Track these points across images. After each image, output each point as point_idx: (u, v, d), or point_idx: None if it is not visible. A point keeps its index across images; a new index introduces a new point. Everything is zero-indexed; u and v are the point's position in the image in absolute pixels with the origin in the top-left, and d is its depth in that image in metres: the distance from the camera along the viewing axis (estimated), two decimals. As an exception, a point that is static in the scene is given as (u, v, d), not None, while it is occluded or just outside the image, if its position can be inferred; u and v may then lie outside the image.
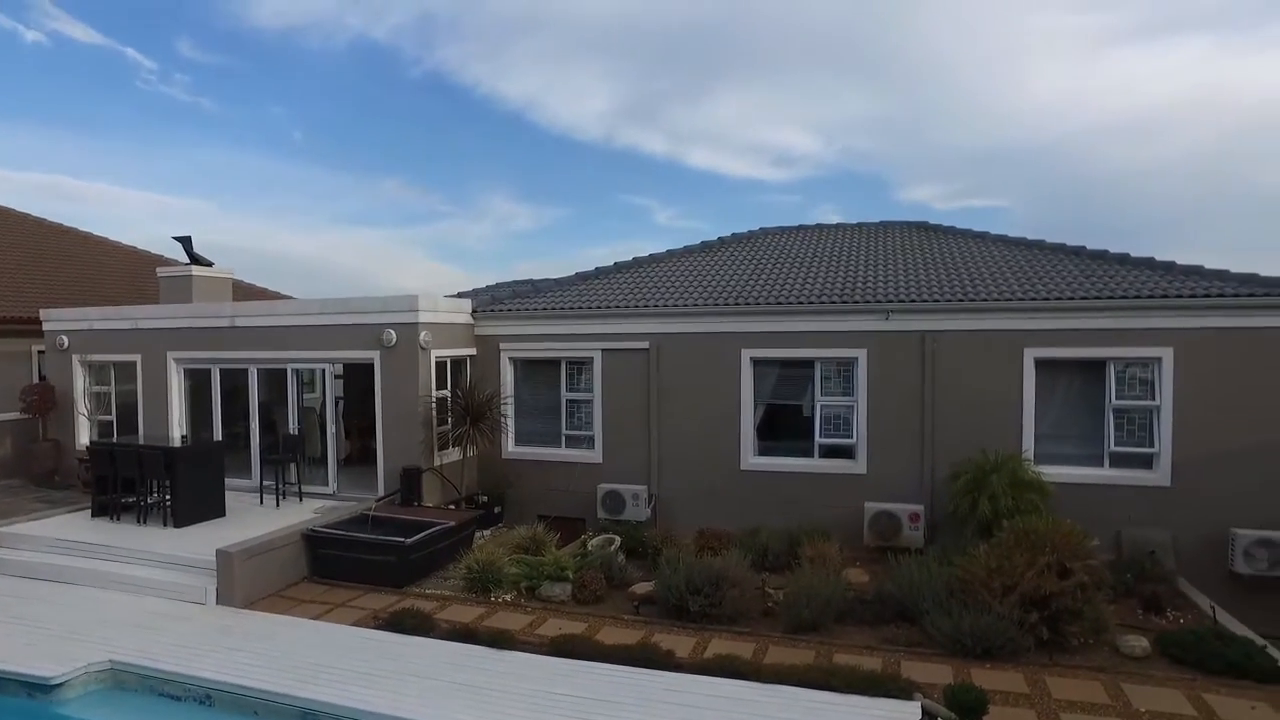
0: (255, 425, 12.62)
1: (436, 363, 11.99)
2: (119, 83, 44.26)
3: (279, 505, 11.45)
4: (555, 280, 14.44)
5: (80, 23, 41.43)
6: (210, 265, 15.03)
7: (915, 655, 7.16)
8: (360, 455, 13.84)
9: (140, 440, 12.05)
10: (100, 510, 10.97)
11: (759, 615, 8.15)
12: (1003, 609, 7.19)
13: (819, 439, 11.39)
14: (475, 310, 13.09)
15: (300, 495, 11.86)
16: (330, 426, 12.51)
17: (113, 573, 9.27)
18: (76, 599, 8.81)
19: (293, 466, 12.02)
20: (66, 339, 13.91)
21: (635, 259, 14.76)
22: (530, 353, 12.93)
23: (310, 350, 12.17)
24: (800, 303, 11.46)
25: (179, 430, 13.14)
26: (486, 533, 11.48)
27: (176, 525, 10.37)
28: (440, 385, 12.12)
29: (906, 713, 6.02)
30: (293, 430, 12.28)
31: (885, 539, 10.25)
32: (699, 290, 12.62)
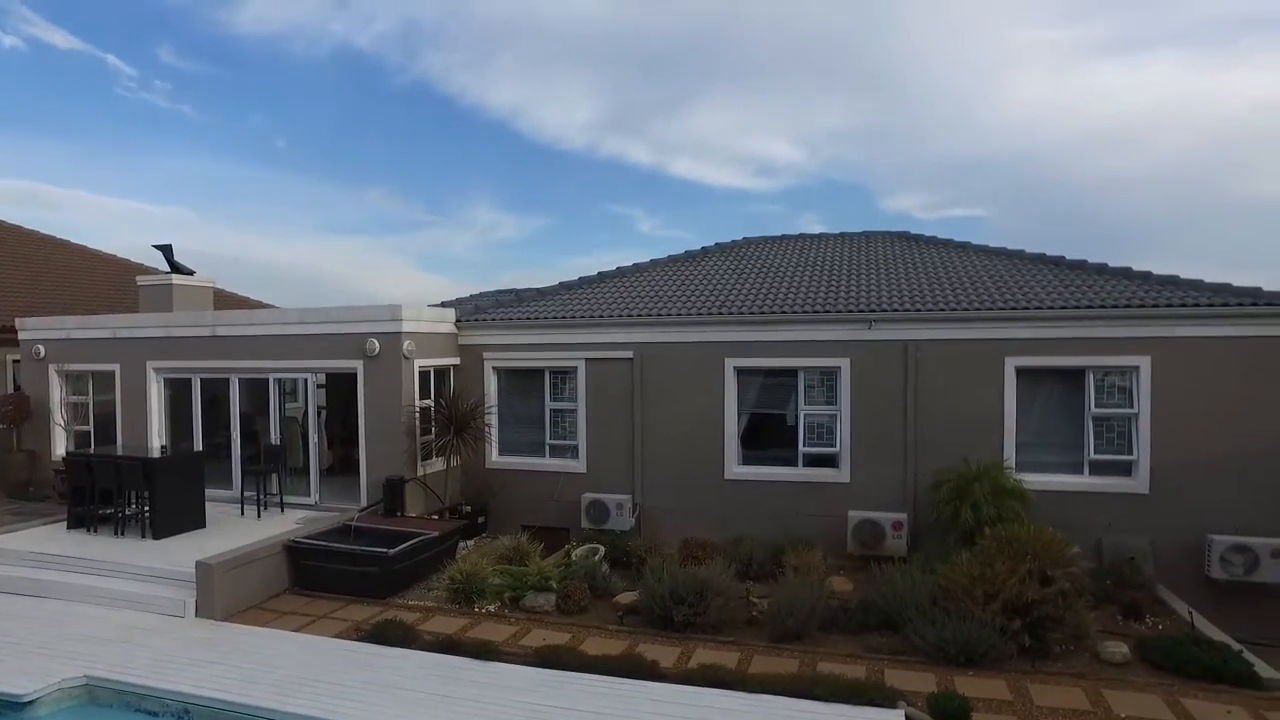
0: (236, 435, 12.49)
1: (420, 372, 11.94)
2: (99, 89, 43.85)
3: (260, 516, 11.33)
4: (539, 290, 14.42)
5: (59, 28, 41.03)
6: (191, 274, 14.90)
7: (899, 664, 7.18)
8: (343, 465, 13.72)
9: (118, 451, 11.89)
10: (77, 522, 10.80)
11: (743, 624, 8.15)
12: (985, 616, 7.24)
13: (803, 448, 11.43)
14: (459, 320, 13.05)
15: (282, 506, 11.74)
16: (312, 436, 12.41)
17: (89, 586, 9.13)
18: (51, 613, 8.67)
19: (274, 477, 11.92)
20: (43, 348, 13.73)
21: (619, 269, 14.79)
22: (514, 362, 12.91)
23: (292, 360, 12.08)
24: (784, 312, 11.52)
25: (158, 440, 12.99)
26: (470, 543, 11.41)
27: (155, 537, 10.24)
28: (424, 395, 12.06)
29: (890, 721, 6.03)
30: (274, 440, 12.17)
31: (869, 547, 10.30)
32: (683, 300, 12.65)
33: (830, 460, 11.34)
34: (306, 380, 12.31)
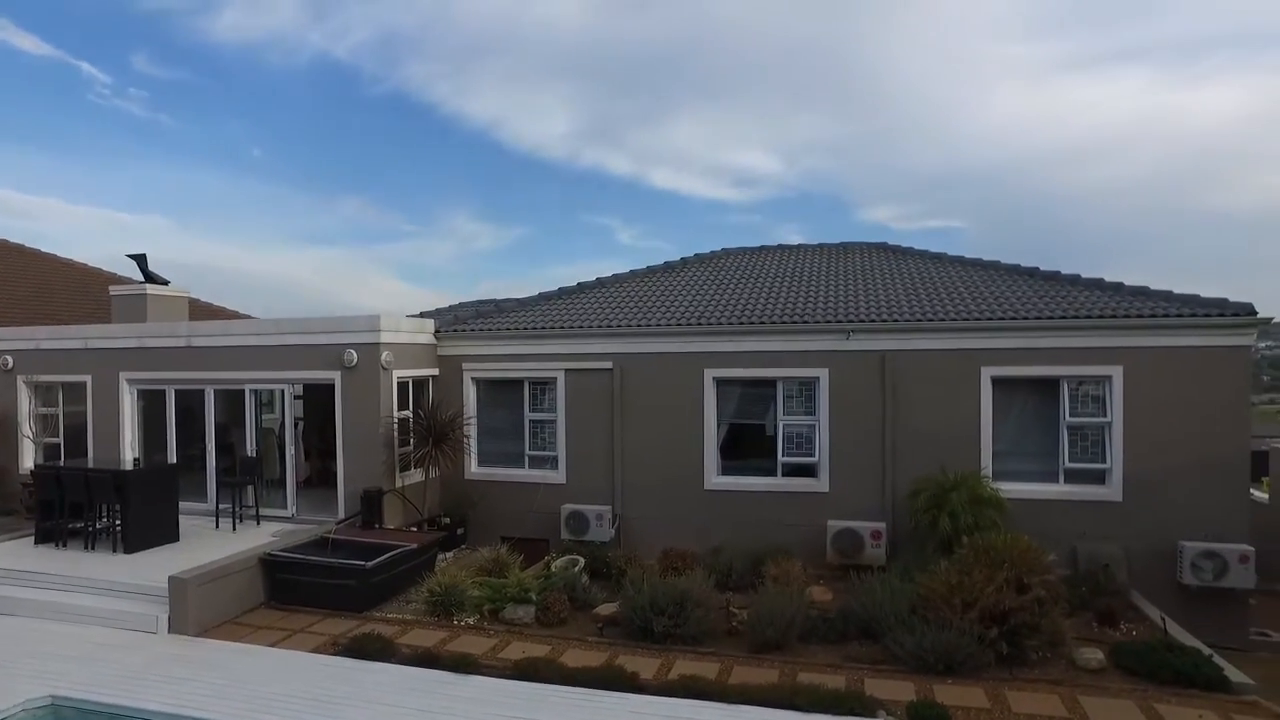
0: (211, 447, 12.32)
1: (398, 383, 11.86)
2: (71, 96, 43.45)
3: (236, 529, 11.18)
4: (518, 300, 14.40)
5: (29, 34, 40.60)
6: (166, 284, 14.73)
7: (878, 673, 7.21)
8: (320, 477, 13.60)
9: (89, 463, 11.68)
10: (44, 537, 10.59)
11: (723, 635, 8.14)
12: (963, 625, 7.29)
13: (782, 458, 11.47)
14: (438, 330, 12.99)
15: (258, 519, 11.59)
16: (289, 448, 12.26)
17: (56, 602, 8.94)
18: (16, 630, 8.47)
19: (250, 489, 11.76)
20: (11, 359, 13.49)
21: (598, 279, 14.80)
22: (493, 373, 12.86)
23: (269, 371, 11.95)
24: (762, 323, 11.59)
25: (131, 453, 12.78)
26: (449, 555, 11.34)
27: (127, 551, 10.06)
28: (402, 406, 11.98)
29: (870, 730, 6.06)
30: (250, 452, 12.02)
31: (848, 557, 10.34)
32: (662, 310, 12.69)
33: (809, 470, 11.39)
34: (283, 391, 12.19)
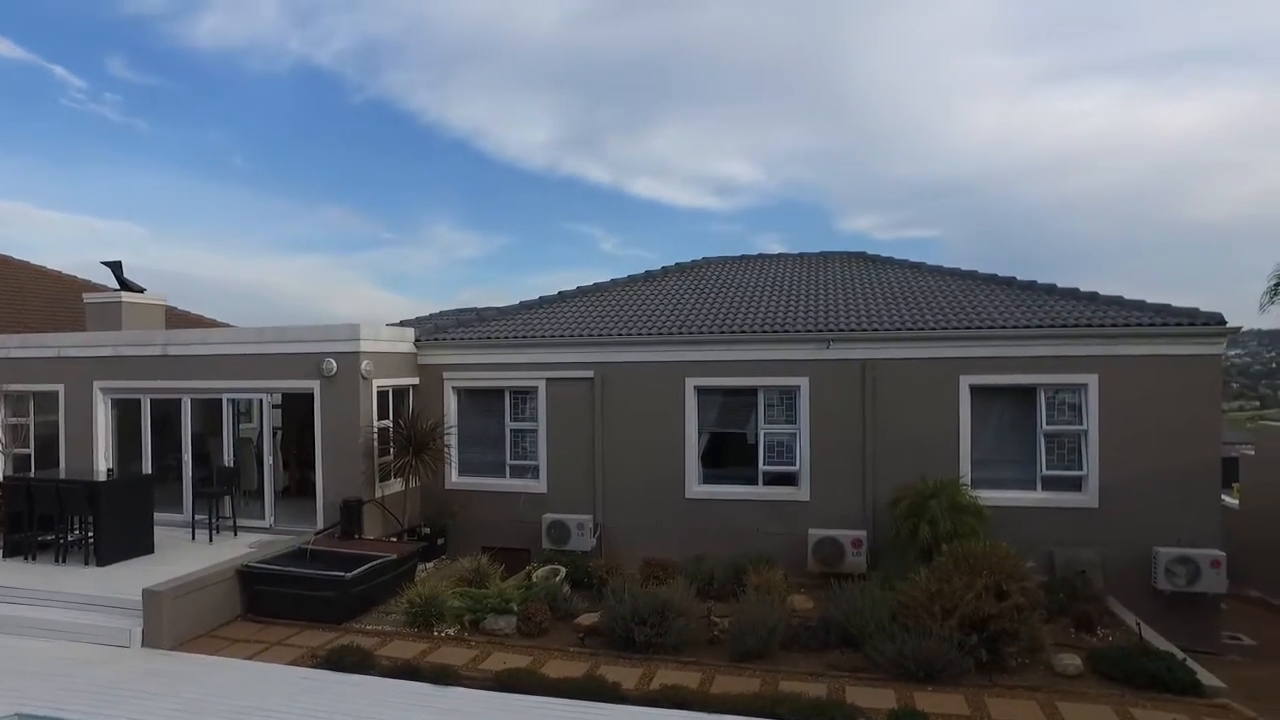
0: (188, 457, 12.15)
1: (378, 392, 11.77)
2: (45, 100, 42.96)
3: (212, 540, 11.01)
4: (499, 309, 14.36)
5: (1, 37, 39.97)
6: (141, 291, 14.54)
7: (860, 680, 7.23)
8: (299, 487, 13.44)
9: (61, 474, 11.48)
10: (13, 550, 10.37)
11: (705, 644, 8.14)
12: (943, 632, 7.33)
13: (763, 466, 11.50)
14: (418, 339, 12.92)
15: (235, 529, 11.44)
16: (267, 458, 12.13)
17: (25, 617, 8.75)
18: (-14, 645, 8.29)
19: (227, 500, 11.60)
20: (-18, 369, 13.24)
21: (580, 288, 14.81)
22: (474, 382, 12.81)
23: (247, 380, 11.82)
24: (743, 332, 11.64)
25: (105, 463, 12.57)
26: (429, 565, 11.25)
27: (100, 564, 9.88)
28: (382, 415, 11.89)
29: (851, 738, 6.07)
30: (228, 462, 11.86)
31: (829, 565, 10.39)
32: (643, 319, 12.70)
33: (790, 479, 11.43)
34: (262, 400, 12.06)
